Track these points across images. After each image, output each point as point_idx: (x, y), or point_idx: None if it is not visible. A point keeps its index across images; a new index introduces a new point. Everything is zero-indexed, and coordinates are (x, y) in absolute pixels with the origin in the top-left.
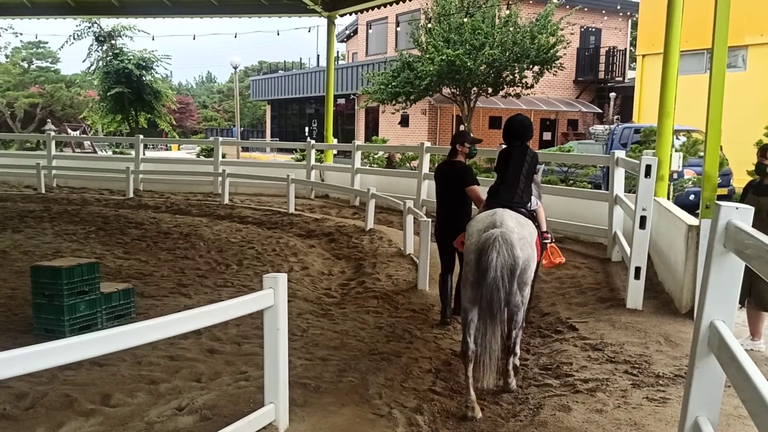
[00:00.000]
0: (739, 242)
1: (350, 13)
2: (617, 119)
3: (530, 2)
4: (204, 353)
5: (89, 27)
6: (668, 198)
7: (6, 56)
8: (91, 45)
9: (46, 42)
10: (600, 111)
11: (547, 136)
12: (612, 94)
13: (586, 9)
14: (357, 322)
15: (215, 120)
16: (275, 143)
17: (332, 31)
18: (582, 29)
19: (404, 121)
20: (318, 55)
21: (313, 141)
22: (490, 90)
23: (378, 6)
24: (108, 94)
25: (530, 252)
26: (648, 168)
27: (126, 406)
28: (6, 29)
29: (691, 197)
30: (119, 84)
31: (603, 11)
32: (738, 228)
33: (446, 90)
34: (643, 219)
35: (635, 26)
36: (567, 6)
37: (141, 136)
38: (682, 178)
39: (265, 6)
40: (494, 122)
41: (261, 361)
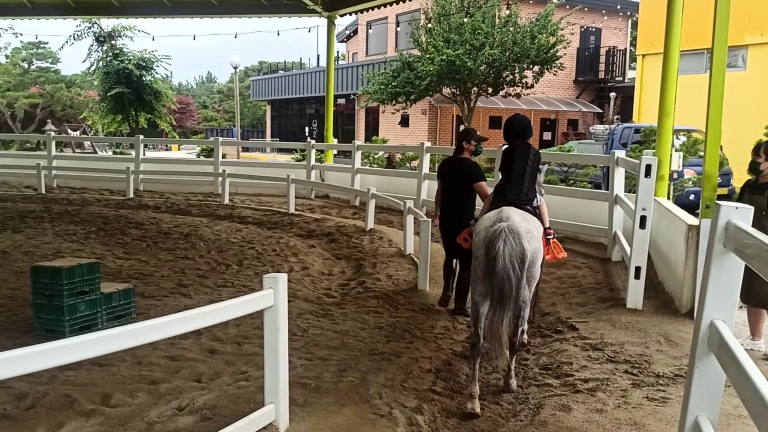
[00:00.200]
0: (739, 242)
1: (350, 13)
2: (617, 119)
3: (530, 2)
4: (204, 353)
5: (89, 27)
6: (668, 198)
7: (6, 57)
8: (91, 45)
9: (47, 42)
10: (600, 111)
11: (547, 136)
12: (612, 94)
13: (586, 9)
14: (357, 322)
15: (215, 120)
16: (275, 143)
17: (332, 31)
18: (582, 29)
19: (404, 121)
20: (318, 55)
21: (313, 141)
22: (490, 90)
23: (378, 6)
24: (108, 95)
25: (537, 245)
26: (648, 168)
27: (126, 407)
28: (6, 29)
29: (691, 197)
30: (119, 84)
31: (603, 11)
32: (738, 228)
33: (446, 90)
34: (643, 219)
35: (635, 26)
36: (567, 6)
37: (141, 137)
38: (682, 178)
39: (265, 6)
40: (494, 122)
41: (261, 361)
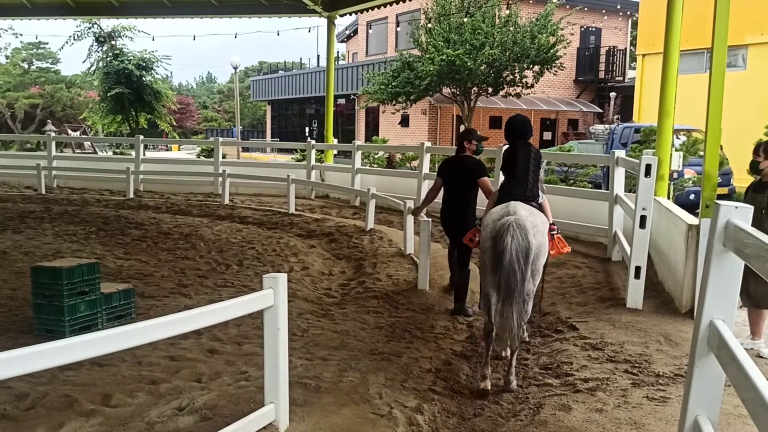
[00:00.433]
0: (739, 241)
1: (350, 13)
2: (617, 119)
3: (530, 2)
4: (204, 353)
5: (89, 28)
6: (668, 197)
7: (6, 57)
8: (91, 46)
9: (47, 43)
10: (600, 110)
11: (548, 136)
12: (612, 94)
13: (586, 9)
14: (357, 322)
15: (215, 120)
16: (275, 143)
17: (332, 32)
18: (582, 29)
19: (404, 121)
20: (318, 56)
21: (314, 141)
22: (491, 90)
23: (378, 6)
24: (108, 95)
25: (542, 240)
26: (648, 167)
27: (126, 407)
28: (6, 30)
29: (692, 196)
30: (119, 84)
31: (603, 11)
32: (737, 227)
33: (446, 90)
34: (643, 218)
35: (635, 26)
36: (567, 6)
37: (141, 137)
38: (682, 178)
39: (265, 6)
40: (494, 122)
41: (261, 361)
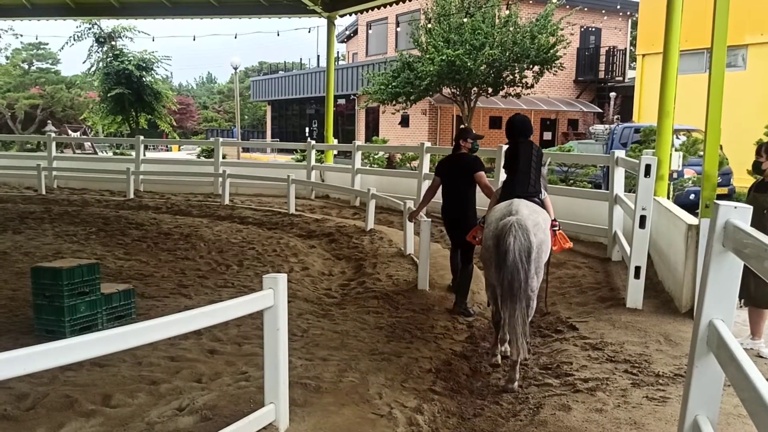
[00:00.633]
0: (738, 241)
1: (350, 14)
2: (617, 119)
3: (530, 2)
4: (204, 354)
5: (89, 28)
6: (668, 197)
7: (6, 58)
8: (92, 46)
9: (47, 43)
10: (600, 111)
11: (548, 136)
12: (612, 94)
13: (586, 9)
14: (357, 323)
15: (216, 121)
16: (276, 144)
17: (332, 32)
18: (582, 29)
19: (404, 122)
20: (318, 56)
21: (314, 141)
22: (490, 90)
23: (378, 6)
24: (108, 95)
25: (543, 237)
26: (648, 167)
27: (127, 407)
28: (6, 30)
29: (692, 196)
30: (119, 85)
31: (603, 11)
32: (736, 227)
33: (446, 90)
34: (643, 218)
35: (635, 26)
36: (567, 6)
37: (141, 137)
38: (682, 178)
39: (265, 7)
40: (494, 122)
41: (261, 362)
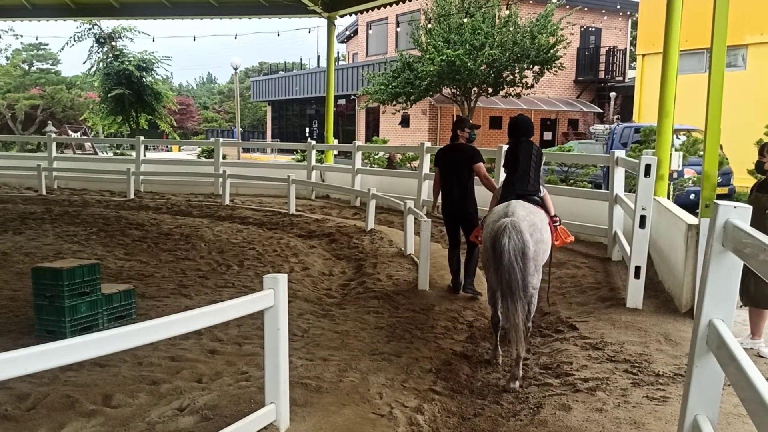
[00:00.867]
0: (738, 241)
1: (350, 14)
2: (617, 119)
3: (530, 2)
4: (205, 354)
5: (89, 29)
6: (668, 197)
7: (7, 58)
8: (92, 47)
9: (47, 44)
10: (600, 110)
11: (548, 136)
12: (612, 94)
13: (586, 9)
14: (358, 323)
15: (216, 121)
16: (276, 144)
17: (332, 32)
18: (582, 29)
19: (405, 122)
20: (318, 56)
21: (314, 142)
22: (491, 90)
23: (378, 6)
24: (108, 96)
25: (539, 236)
26: (648, 167)
27: (127, 407)
28: (6, 31)
29: (692, 196)
30: (120, 85)
31: (603, 11)
32: (736, 227)
33: (446, 90)
34: (643, 218)
35: (635, 26)
36: (567, 6)
37: (142, 138)
38: (682, 178)
39: (265, 7)
40: (495, 122)
41: (262, 362)
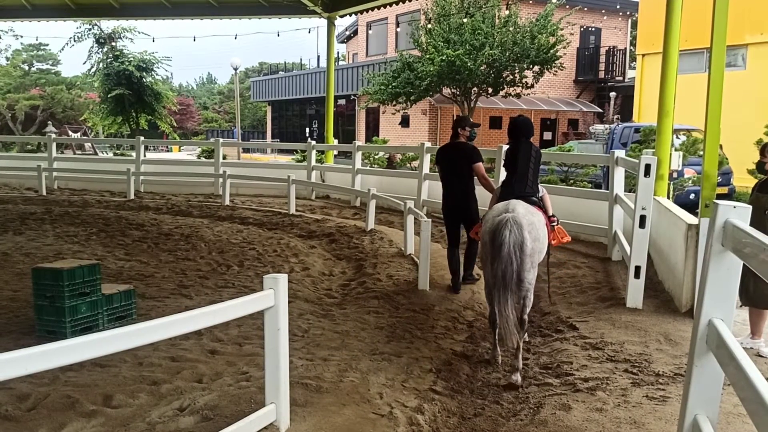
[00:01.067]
0: (737, 241)
1: (350, 14)
2: (617, 119)
3: (530, 2)
4: (205, 354)
5: (89, 29)
6: (668, 197)
7: (7, 59)
8: (92, 47)
9: (47, 44)
10: (600, 110)
11: (548, 136)
12: (612, 94)
13: (586, 9)
14: (358, 323)
15: (216, 121)
16: (276, 144)
17: (332, 32)
18: (582, 29)
19: (405, 122)
20: (318, 56)
21: (314, 142)
22: (491, 90)
23: (378, 6)
24: (108, 96)
25: (537, 235)
26: (647, 167)
27: (127, 407)
28: (6, 32)
29: (692, 196)
30: (120, 86)
31: (603, 11)
32: (736, 227)
33: (446, 90)
34: (643, 218)
35: (635, 26)
36: (567, 6)
37: (142, 138)
38: (682, 177)
39: (265, 7)
40: (495, 122)
41: (262, 362)
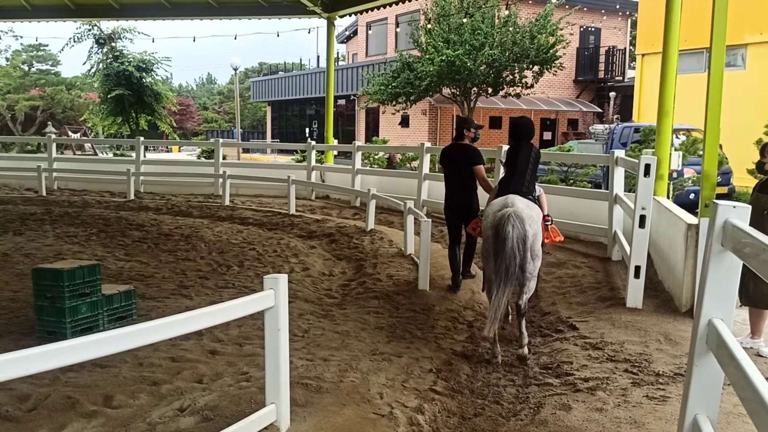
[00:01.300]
0: (737, 241)
1: (350, 14)
2: (617, 118)
3: (530, 2)
4: (205, 354)
5: (89, 29)
6: (668, 197)
7: (6, 59)
8: (92, 47)
9: (47, 45)
10: (600, 110)
11: (548, 136)
12: (612, 94)
13: (586, 9)
14: (358, 323)
15: (216, 121)
16: (276, 144)
17: (332, 32)
18: (582, 29)
19: (404, 122)
20: (318, 56)
21: (314, 142)
22: (490, 90)
23: (378, 6)
24: (108, 97)
25: (537, 228)
26: (647, 167)
27: (128, 408)
28: (6, 32)
29: (691, 196)
30: (119, 86)
31: (602, 11)
32: (735, 227)
33: (446, 90)
34: (643, 218)
35: (635, 26)
36: (566, 6)
37: (141, 138)
38: (682, 177)
39: (265, 7)
40: (494, 122)
41: (262, 362)
